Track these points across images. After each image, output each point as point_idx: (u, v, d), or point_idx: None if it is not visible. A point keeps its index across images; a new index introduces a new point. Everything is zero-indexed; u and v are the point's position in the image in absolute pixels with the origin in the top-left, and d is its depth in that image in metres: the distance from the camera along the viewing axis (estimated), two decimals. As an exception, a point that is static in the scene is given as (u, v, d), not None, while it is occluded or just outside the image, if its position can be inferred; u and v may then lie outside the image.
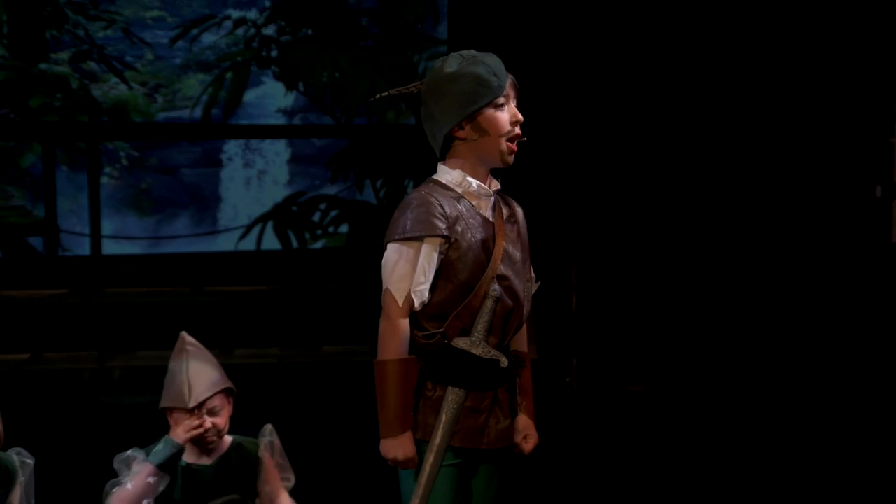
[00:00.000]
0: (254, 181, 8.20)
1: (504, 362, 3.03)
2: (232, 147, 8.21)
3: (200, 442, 3.32)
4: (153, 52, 8.02)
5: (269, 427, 3.42)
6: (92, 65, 7.95)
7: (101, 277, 7.59)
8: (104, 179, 7.88)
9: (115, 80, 7.97)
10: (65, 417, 6.15)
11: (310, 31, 8.11)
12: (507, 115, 3.06)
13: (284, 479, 3.46)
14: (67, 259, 7.82)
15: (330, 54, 8.08)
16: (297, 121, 8.24)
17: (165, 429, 3.37)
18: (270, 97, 8.18)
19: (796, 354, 6.36)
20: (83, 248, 7.80)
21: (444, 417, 3.03)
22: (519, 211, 3.20)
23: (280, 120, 8.21)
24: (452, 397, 3.04)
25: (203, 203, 8.13)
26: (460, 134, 3.06)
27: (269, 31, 8.09)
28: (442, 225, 2.99)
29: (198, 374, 3.31)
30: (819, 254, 6.44)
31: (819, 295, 6.39)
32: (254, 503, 3.37)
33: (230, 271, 7.83)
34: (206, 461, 3.33)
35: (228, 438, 3.39)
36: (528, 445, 3.18)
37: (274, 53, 8.11)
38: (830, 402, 6.00)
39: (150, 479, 3.16)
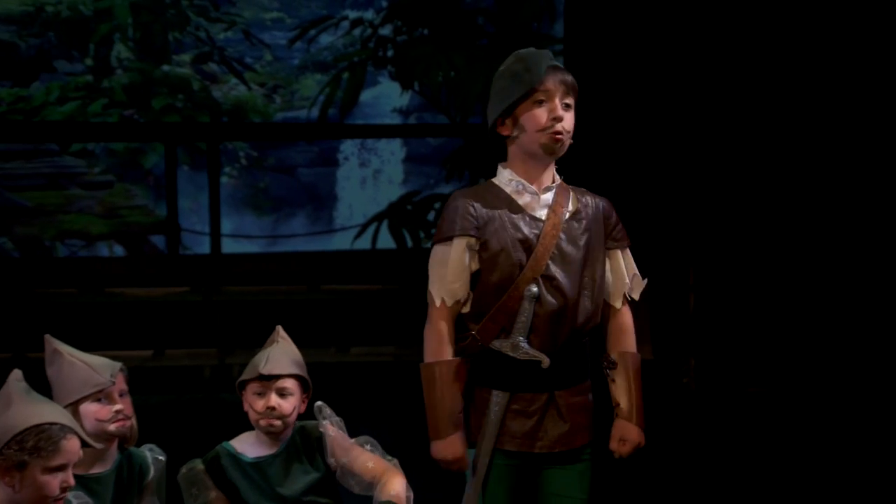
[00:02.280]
0: (369, 180, 8.26)
1: (545, 363, 2.97)
2: (348, 147, 8.28)
3: (264, 429, 3.31)
4: (272, 52, 8.12)
5: (319, 403, 3.41)
6: (213, 66, 8.08)
7: (221, 275, 7.71)
8: (224, 179, 8.01)
9: (234, 80, 8.10)
10: (186, 414, 6.27)
11: (426, 31, 8.14)
12: (544, 110, 3.02)
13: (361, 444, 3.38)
14: (188, 257, 7.96)
15: (445, 54, 8.10)
16: (412, 120, 8.28)
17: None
18: (386, 97, 8.23)
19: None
20: (203, 246, 7.94)
21: (488, 420, 3.02)
22: (598, 205, 3.12)
23: (395, 119, 8.25)
24: (495, 400, 3.03)
25: (319, 202, 8.21)
26: (503, 131, 3.09)
27: (386, 31, 8.14)
28: (469, 224, 3.00)
29: (279, 354, 3.33)
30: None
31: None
32: (334, 481, 3.35)
33: (346, 270, 7.89)
34: (272, 450, 3.33)
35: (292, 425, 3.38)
36: (625, 449, 3.12)
37: (390, 53, 8.16)
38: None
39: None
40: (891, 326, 6.31)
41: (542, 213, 3.04)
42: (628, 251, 3.17)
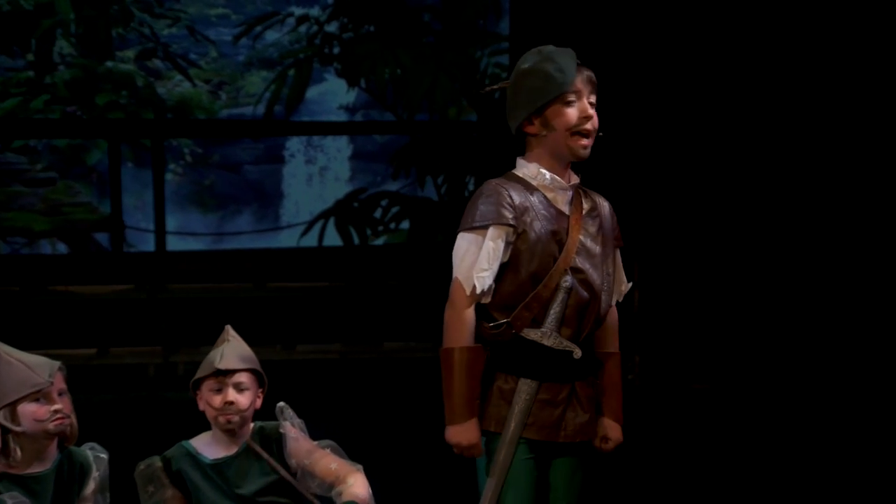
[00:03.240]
0: (316, 178, 8.23)
1: (577, 353, 3.03)
2: (294, 144, 8.25)
3: (223, 426, 3.29)
4: (217, 49, 8.08)
5: (281, 404, 3.40)
6: (157, 62, 8.02)
7: (166, 273, 7.66)
8: (168, 176, 7.95)
9: (179, 77, 8.04)
10: (130, 412, 6.22)
11: (372, 28, 8.12)
12: (575, 110, 3.06)
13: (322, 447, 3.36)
14: (132, 255, 7.90)
15: (392, 51, 8.09)
16: (358, 117, 8.26)
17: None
18: (332, 94, 8.21)
19: (867, 353, 6.26)
20: (148, 244, 7.88)
21: (515, 409, 3.04)
22: (605, 206, 3.21)
23: (342, 117, 8.23)
24: (524, 389, 3.05)
25: (265, 199, 8.18)
26: (530, 129, 3.10)
27: (332, 27, 8.11)
28: (509, 214, 3.02)
29: (232, 350, 3.34)
30: (889, 251, 6.34)
31: (891, 293, 6.29)
32: (294, 481, 3.33)
33: (292, 267, 7.86)
34: (231, 451, 3.31)
35: (251, 425, 3.38)
36: (608, 446, 3.20)
37: (336, 50, 8.14)
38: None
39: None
40: (835, 321, 6.38)
41: (566, 209, 3.10)
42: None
